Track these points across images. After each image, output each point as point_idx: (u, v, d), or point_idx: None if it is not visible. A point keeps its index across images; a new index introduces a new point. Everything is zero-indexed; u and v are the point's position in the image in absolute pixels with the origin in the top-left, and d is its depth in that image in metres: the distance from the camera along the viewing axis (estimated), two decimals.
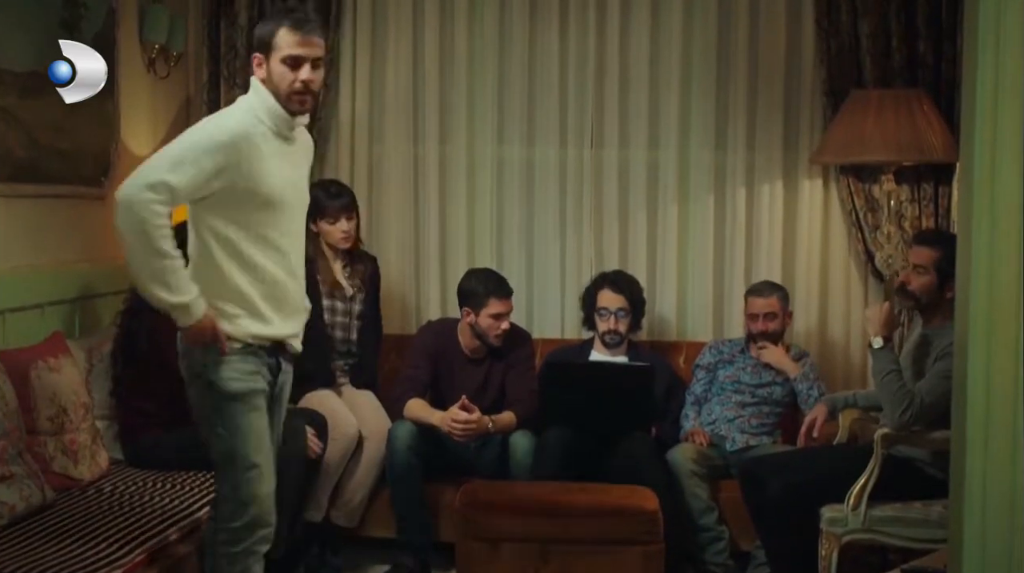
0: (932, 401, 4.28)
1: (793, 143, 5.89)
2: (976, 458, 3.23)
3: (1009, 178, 3.15)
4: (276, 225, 3.66)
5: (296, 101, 3.64)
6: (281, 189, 3.64)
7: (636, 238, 6.02)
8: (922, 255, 4.56)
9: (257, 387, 3.67)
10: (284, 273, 3.70)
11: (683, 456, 5.15)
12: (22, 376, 4.19)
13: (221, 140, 3.53)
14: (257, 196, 3.58)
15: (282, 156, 3.67)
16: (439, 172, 6.08)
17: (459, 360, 5.36)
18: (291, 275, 3.74)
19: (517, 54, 6.00)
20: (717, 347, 5.62)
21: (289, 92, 3.62)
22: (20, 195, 4.59)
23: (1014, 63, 3.13)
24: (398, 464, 5.05)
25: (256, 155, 3.56)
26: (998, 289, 3.19)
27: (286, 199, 3.68)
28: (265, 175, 3.58)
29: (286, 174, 3.68)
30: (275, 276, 3.67)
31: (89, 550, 3.72)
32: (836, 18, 5.63)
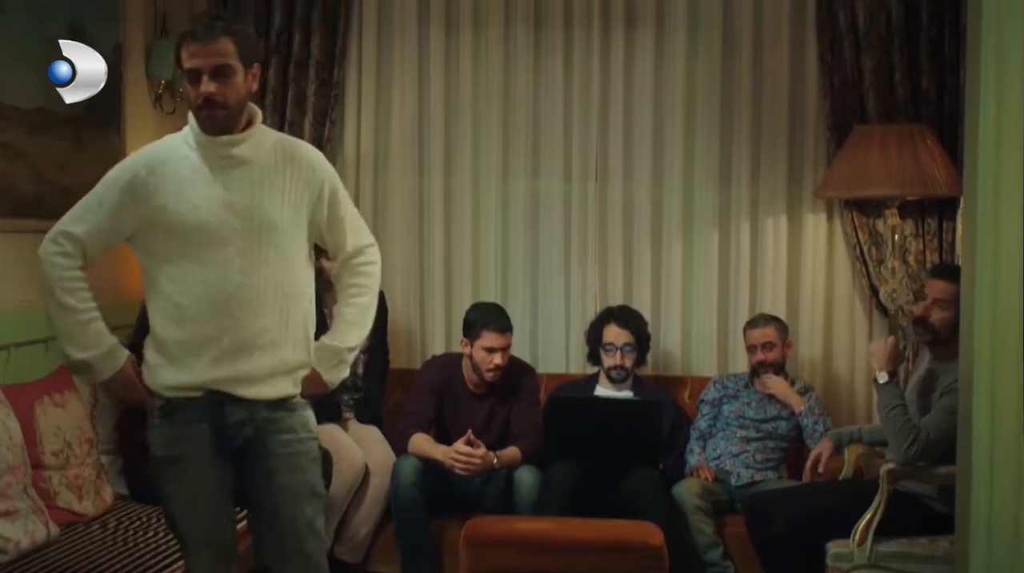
0: (938, 436, 4.27)
1: (797, 177, 5.90)
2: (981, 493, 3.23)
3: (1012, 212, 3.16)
4: (197, 256, 3.31)
5: (203, 117, 3.30)
6: (201, 215, 3.30)
7: (640, 272, 6.03)
8: (945, 290, 4.51)
9: (184, 453, 3.36)
10: (212, 310, 3.30)
11: (688, 491, 5.14)
12: (27, 411, 4.19)
13: (116, 176, 3.37)
14: (164, 225, 3.31)
15: (211, 179, 3.32)
16: (444, 206, 6.09)
17: (463, 395, 5.35)
18: (224, 312, 3.31)
19: (522, 88, 6.02)
20: (721, 382, 5.62)
21: (195, 108, 3.32)
22: (24, 230, 4.60)
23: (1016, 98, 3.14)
24: (402, 499, 5.04)
25: (168, 183, 3.31)
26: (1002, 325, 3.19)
27: (211, 225, 3.31)
28: (177, 201, 3.30)
29: (215, 197, 3.32)
30: (198, 314, 3.31)
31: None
32: (839, 53, 5.65)
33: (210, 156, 3.33)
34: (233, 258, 3.31)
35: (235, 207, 3.32)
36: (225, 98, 3.27)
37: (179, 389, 3.34)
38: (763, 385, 5.43)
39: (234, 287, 3.31)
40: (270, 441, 3.38)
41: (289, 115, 5.87)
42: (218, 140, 3.32)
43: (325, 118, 5.90)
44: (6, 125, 4.46)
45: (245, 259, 3.32)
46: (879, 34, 5.58)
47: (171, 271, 3.32)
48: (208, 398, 3.33)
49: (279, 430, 3.39)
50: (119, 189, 3.34)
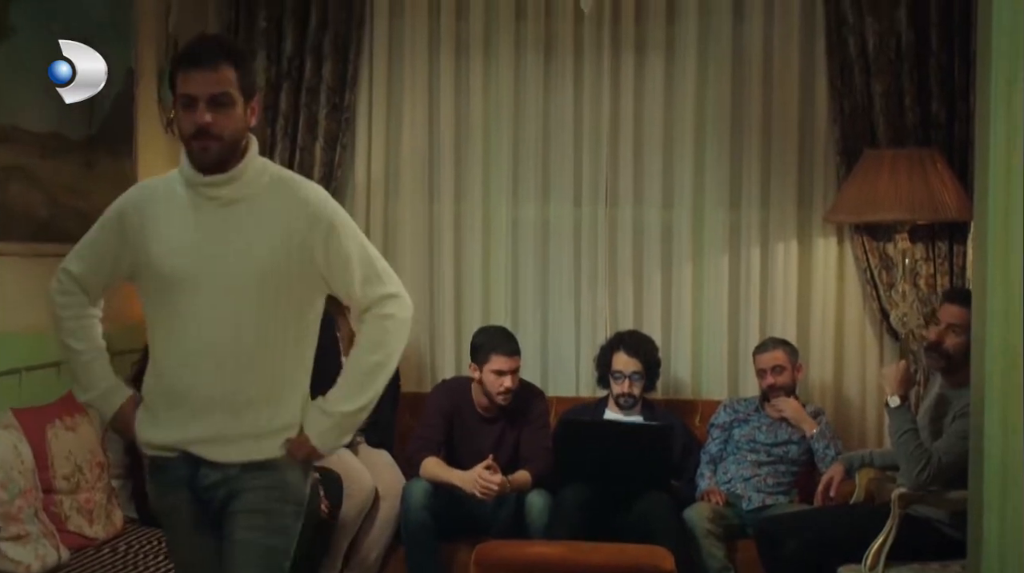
0: (949, 461, 4.26)
1: (807, 202, 5.91)
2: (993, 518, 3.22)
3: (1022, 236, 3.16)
4: (173, 303, 3.05)
5: (195, 149, 2.97)
6: (177, 260, 3.03)
7: (650, 296, 6.03)
8: (959, 315, 4.50)
9: (174, 505, 3.13)
10: (183, 363, 3.04)
11: (699, 515, 5.13)
12: (39, 435, 4.19)
13: (112, 216, 3.17)
14: (147, 268, 3.07)
15: (194, 221, 3.05)
16: (454, 230, 6.10)
17: (473, 418, 5.35)
18: (195, 367, 3.03)
19: (532, 113, 6.04)
20: (732, 406, 5.62)
21: (186, 138, 2.99)
22: (39, 254, 4.61)
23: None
24: (413, 522, 5.04)
25: (149, 223, 3.07)
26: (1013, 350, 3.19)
27: (186, 272, 3.02)
28: (157, 243, 3.05)
29: (196, 241, 3.04)
30: (169, 367, 3.06)
31: None
32: (849, 78, 5.66)
33: (197, 195, 3.03)
34: (208, 309, 3.01)
35: (217, 253, 3.01)
36: (221, 130, 2.94)
37: (157, 448, 3.10)
38: (775, 408, 5.42)
39: (206, 341, 3.01)
40: (238, 499, 3.06)
41: (300, 140, 5.89)
42: (206, 179, 3.01)
43: (336, 142, 5.92)
44: (20, 149, 4.48)
45: (223, 310, 3.01)
46: (889, 59, 5.59)
47: (152, 317, 3.12)
48: (184, 459, 3.06)
49: (250, 488, 3.06)
50: (108, 227, 3.16)
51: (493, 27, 6.03)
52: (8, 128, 4.40)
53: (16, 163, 4.48)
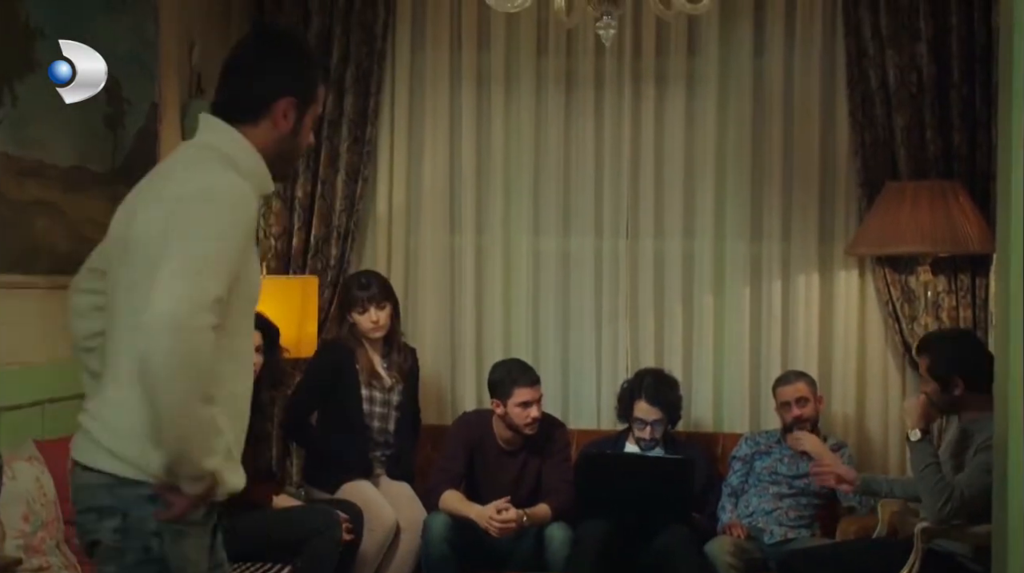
0: (972, 494, 4.24)
1: (828, 234, 5.90)
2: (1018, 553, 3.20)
3: None
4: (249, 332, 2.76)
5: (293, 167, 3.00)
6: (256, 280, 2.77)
7: (672, 328, 6.02)
8: (921, 365, 4.63)
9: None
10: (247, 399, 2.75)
11: (721, 549, 5.11)
12: (61, 466, 4.17)
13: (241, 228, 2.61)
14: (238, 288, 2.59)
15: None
16: (475, 262, 6.12)
17: (494, 451, 5.35)
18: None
19: (553, 145, 6.06)
20: (754, 438, 5.60)
21: (298, 156, 2.89)
22: (61, 287, 4.60)
23: None
24: (433, 555, 5.03)
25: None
26: None
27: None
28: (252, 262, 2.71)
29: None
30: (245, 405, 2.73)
31: None
32: (870, 111, 5.67)
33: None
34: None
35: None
36: None
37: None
38: (795, 441, 5.39)
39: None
40: None
41: (322, 173, 5.91)
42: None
43: (358, 175, 5.94)
44: (45, 183, 4.50)
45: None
46: (910, 92, 5.59)
47: (231, 347, 2.58)
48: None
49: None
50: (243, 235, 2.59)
51: (514, 61, 6.06)
52: (34, 162, 4.42)
53: (41, 197, 4.50)
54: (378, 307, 5.35)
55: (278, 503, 4.96)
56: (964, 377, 4.42)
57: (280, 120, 2.70)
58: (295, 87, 2.71)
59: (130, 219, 2.64)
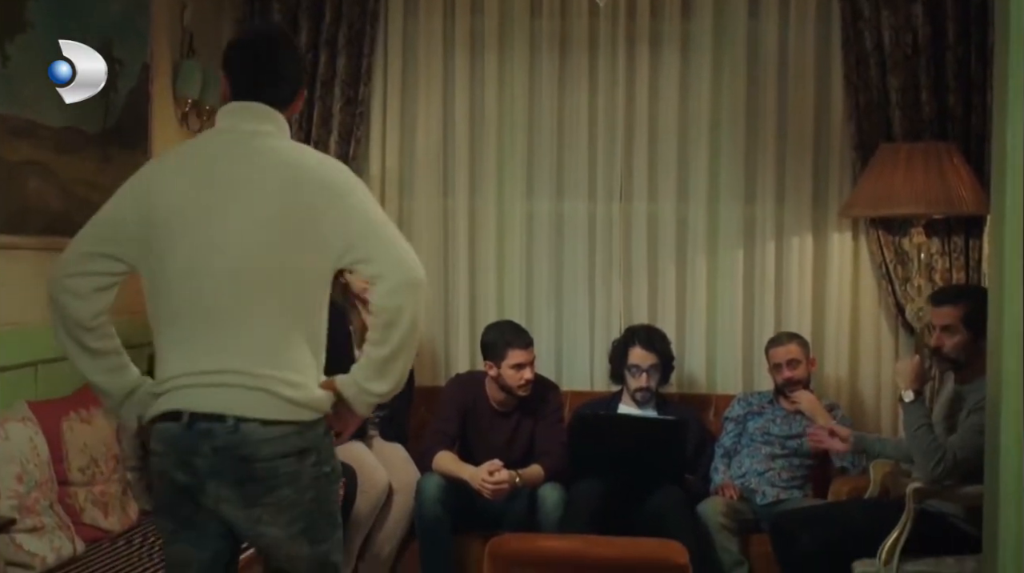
0: (965, 456, 4.25)
1: (822, 196, 5.90)
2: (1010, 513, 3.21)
3: None
4: None
5: None
6: None
7: (665, 291, 6.03)
8: (948, 315, 4.55)
9: None
10: None
11: (713, 509, 5.13)
12: (54, 427, 4.20)
13: None
14: None
15: None
16: (469, 225, 6.11)
17: (487, 413, 5.36)
18: None
19: (546, 108, 6.04)
20: (746, 399, 5.61)
21: None
22: (53, 248, 4.60)
23: None
24: (426, 517, 5.05)
25: None
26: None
27: None
28: None
29: None
30: None
31: None
32: (865, 73, 5.65)
33: None
34: None
35: None
36: None
37: None
38: (791, 402, 5.41)
39: None
40: None
41: (315, 133, 5.90)
42: None
43: (350, 136, 5.92)
44: (37, 143, 4.49)
45: None
46: (905, 54, 5.58)
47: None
48: None
49: None
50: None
51: (508, 23, 6.04)
52: (25, 123, 4.41)
53: (33, 158, 4.49)
54: None
55: None
56: None
57: (298, 106, 3.22)
58: (303, 79, 3.23)
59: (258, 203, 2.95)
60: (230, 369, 2.92)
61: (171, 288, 2.98)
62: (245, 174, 2.99)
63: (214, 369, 2.93)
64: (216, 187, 2.98)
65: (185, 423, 2.91)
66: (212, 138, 3.15)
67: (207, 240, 2.94)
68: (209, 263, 2.94)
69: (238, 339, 2.94)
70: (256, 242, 2.94)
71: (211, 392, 2.92)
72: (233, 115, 3.11)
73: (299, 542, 2.99)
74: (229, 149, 3.05)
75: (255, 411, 2.90)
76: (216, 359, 2.93)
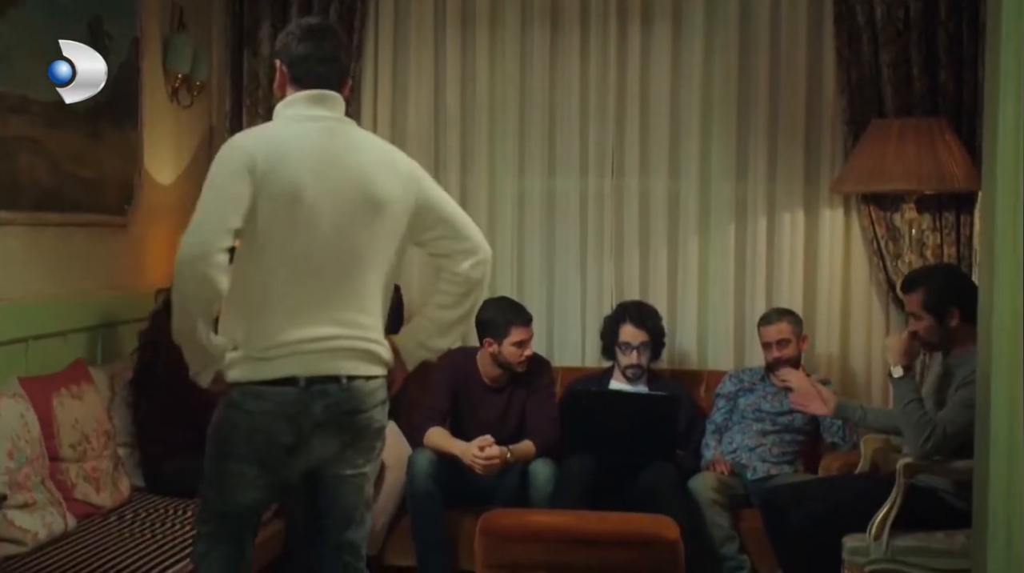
0: (955, 430, 4.27)
1: (814, 173, 5.90)
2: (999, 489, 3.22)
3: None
4: None
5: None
6: None
7: (657, 267, 6.03)
8: (911, 302, 4.60)
9: None
10: None
11: (704, 485, 5.14)
12: (45, 403, 4.20)
13: None
14: None
15: None
16: (460, 201, 6.03)
17: (479, 389, 5.36)
18: None
19: (538, 84, 6.03)
20: (738, 376, 5.62)
21: None
22: (44, 223, 4.62)
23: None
24: (418, 492, 5.05)
25: None
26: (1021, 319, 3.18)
27: None
28: None
29: None
30: None
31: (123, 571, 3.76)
32: (857, 48, 5.64)
33: None
34: None
35: None
36: None
37: None
38: (780, 379, 5.42)
39: None
40: None
41: None
42: None
43: None
44: (28, 119, 4.47)
45: None
46: (897, 29, 5.56)
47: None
48: None
49: None
50: None
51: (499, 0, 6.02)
52: (16, 98, 4.40)
53: (24, 133, 4.47)
54: None
55: None
56: (960, 306, 4.42)
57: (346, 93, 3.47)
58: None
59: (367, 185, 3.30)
60: (342, 335, 3.27)
61: (286, 264, 3.22)
62: (354, 160, 3.32)
63: (328, 336, 3.25)
64: (331, 170, 3.25)
65: (302, 386, 3.21)
66: (308, 124, 3.35)
67: (326, 221, 3.21)
68: (326, 243, 3.22)
69: (346, 308, 3.28)
70: (364, 223, 3.28)
71: (327, 357, 3.25)
72: (319, 104, 3.39)
73: (368, 480, 3.44)
74: (333, 136, 3.34)
75: (362, 370, 3.31)
76: (328, 328, 3.25)
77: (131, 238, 5.30)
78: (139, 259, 5.36)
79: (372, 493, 3.50)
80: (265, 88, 5.84)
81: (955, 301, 4.46)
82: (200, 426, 4.01)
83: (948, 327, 4.49)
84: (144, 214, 5.36)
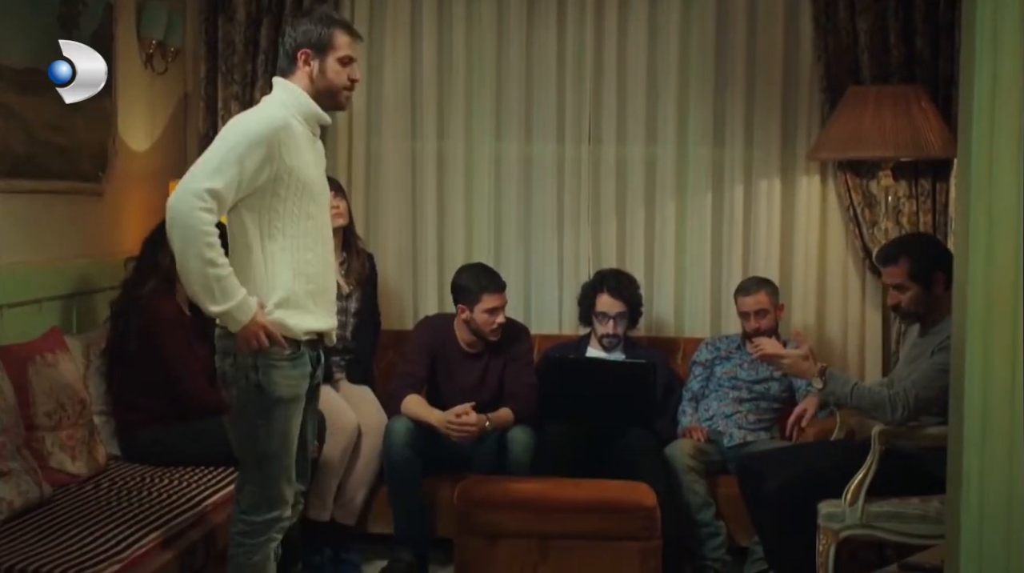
0: (928, 394, 4.29)
1: (791, 139, 5.90)
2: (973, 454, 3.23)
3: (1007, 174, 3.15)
4: (318, 215, 3.76)
5: (345, 97, 3.83)
6: (316, 180, 3.78)
7: (634, 234, 6.03)
8: (894, 274, 4.60)
9: (301, 392, 3.76)
10: (324, 264, 3.80)
11: (681, 452, 5.16)
12: (20, 371, 4.18)
13: (260, 133, 3.59)
14: (300, 184, 3.66)
15: (311, 151, 3.80)
16: (437, 168, 6.08)
17: (456, 355, 5.36)
18: (329, 266, 3.85)
19: (515, 50, 6.00)
20: (714, 343, 5.63)
21: (343, 88, 3.80)
22: (18, 191, 4.59)
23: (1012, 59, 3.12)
24: (395, 460, 5.05)
25: (295, 145, 3.66)
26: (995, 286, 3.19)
27: (320, 190, 3.81)
28: (303, 165, 3.69)
29: (317, 162, 3.85)
30: (317, 267, 3.75)
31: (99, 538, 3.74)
32: (834, 15, 5.64)
33: (312, 131, 3.82)
34: (328, 221, 3.88)
35: (323, 179, 3.88)
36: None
37: (311, 333, 3.77)
38: (756, 347, 5.41)
39: (329, 246, 3.88)
40: (317, 376, 3.93)
41: None
42: (322, 117, 3.81)
43: None
44: (1, 86, 4.43)
45: (328, 222, 3.89)
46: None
47: (298, 226, 3.69)
48: (315, 342, 3.83)
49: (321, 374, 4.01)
50: (258, 144, 3.57)
51: None
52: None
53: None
54: (336, 195, 5.20)
55: None
56: (945, 270, 4.43)
57: (303, 68, 3.76)
58: (306, 41, 3.75)
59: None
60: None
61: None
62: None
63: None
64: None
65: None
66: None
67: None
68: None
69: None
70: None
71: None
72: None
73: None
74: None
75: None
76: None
77: (106, 205, 5.27)
78: (114, 226, 5.33)
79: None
80: (240, 54, 5.79)
81: (940, 265, 4.46)
82: (173, 395, 4.02)
83: (934, 294, 4.50)
84: (119, 181, 5.33)
